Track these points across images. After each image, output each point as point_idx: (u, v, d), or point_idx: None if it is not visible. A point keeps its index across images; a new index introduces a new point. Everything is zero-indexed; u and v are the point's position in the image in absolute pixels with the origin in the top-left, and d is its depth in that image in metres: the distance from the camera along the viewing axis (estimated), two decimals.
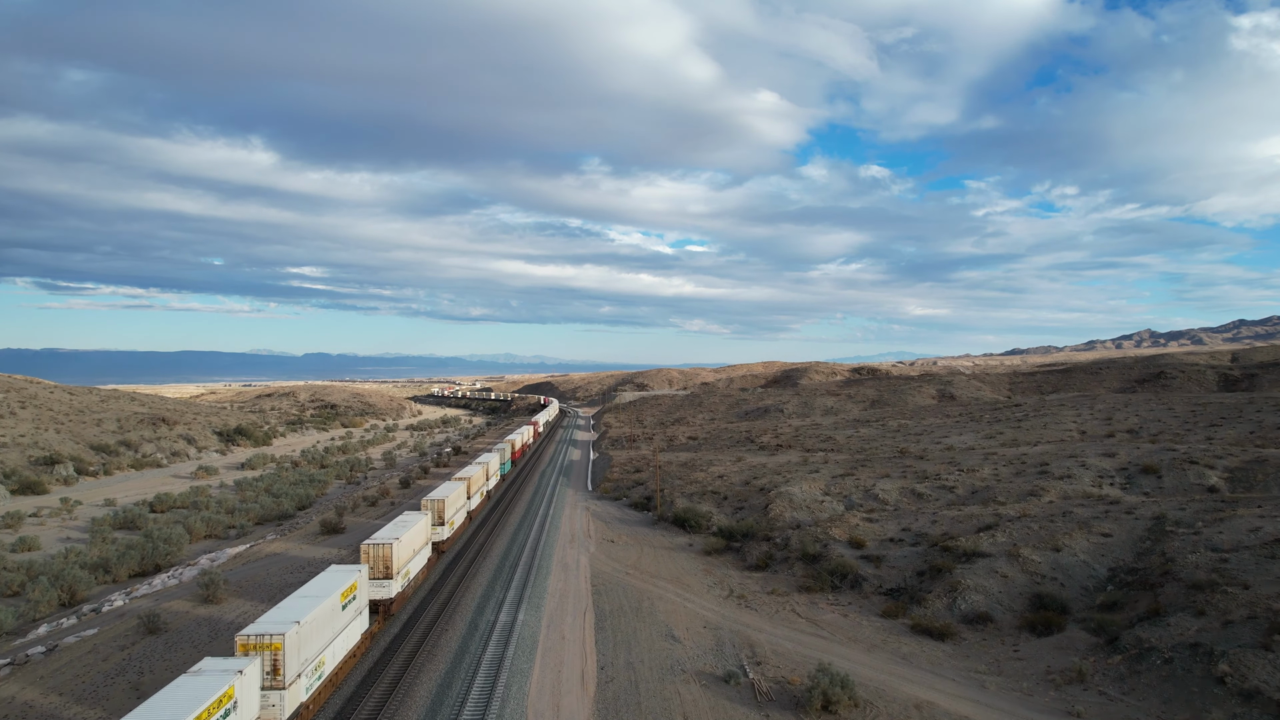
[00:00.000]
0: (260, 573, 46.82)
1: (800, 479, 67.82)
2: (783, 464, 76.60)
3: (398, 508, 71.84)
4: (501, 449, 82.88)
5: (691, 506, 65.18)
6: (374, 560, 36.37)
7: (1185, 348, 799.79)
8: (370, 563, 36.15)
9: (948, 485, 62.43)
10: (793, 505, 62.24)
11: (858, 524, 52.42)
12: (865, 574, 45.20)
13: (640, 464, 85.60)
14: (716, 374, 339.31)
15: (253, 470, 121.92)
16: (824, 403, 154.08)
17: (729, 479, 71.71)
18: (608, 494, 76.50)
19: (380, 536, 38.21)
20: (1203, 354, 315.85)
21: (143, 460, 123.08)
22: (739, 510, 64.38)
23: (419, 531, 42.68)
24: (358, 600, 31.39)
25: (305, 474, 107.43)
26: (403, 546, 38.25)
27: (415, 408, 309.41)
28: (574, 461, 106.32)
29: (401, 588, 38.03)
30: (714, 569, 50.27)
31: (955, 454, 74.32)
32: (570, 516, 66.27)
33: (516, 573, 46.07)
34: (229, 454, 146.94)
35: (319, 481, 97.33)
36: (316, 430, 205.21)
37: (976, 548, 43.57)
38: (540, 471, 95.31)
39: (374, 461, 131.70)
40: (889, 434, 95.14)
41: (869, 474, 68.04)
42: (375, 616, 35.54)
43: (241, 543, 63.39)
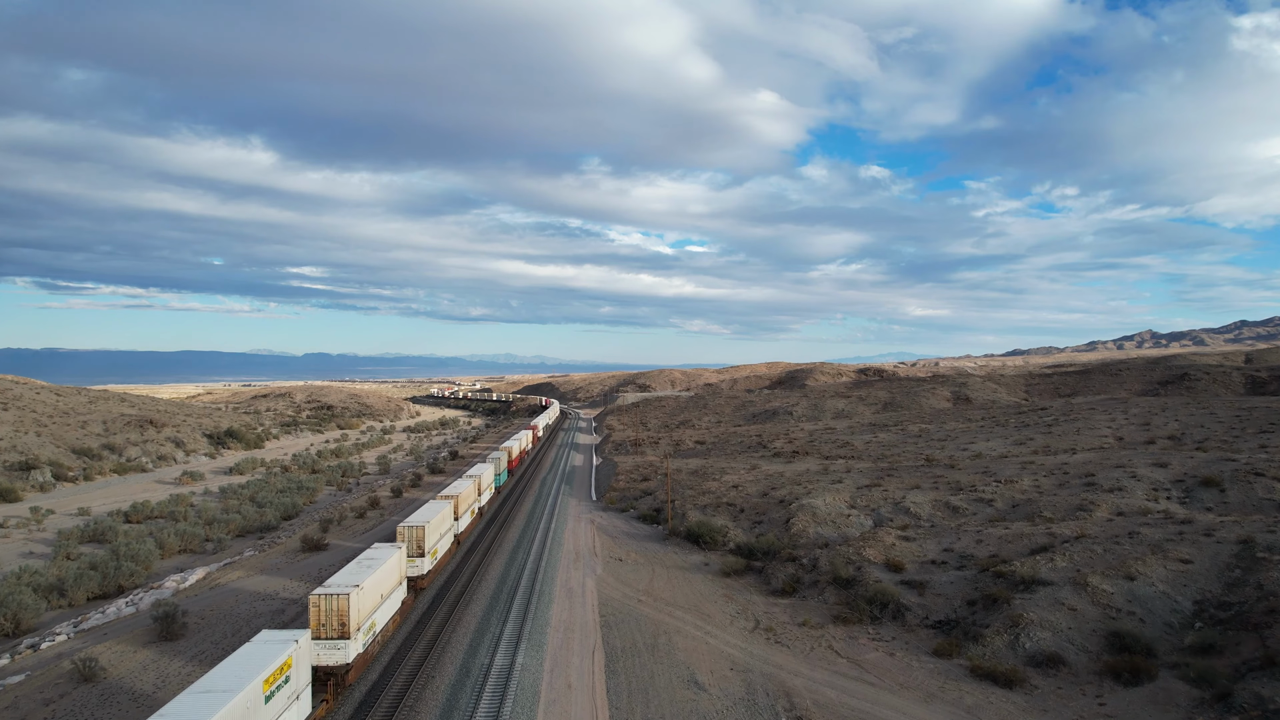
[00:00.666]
0: (226, 601, 41.76)
1: (823, 490, 62.81)
2: (801, 473, 71.57)
3: (387, 519, 66.86)
4: (497, 458, 76.59)
5: (705, 520, 60.14)
6: (325, 615, 28.50)
7: (1189, 348, 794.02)
8: (320, 619, 28.45)
9: (985, 498, 57.42)
10: (816, 519, 57.26)
11: (893, 543, 47.37)
12: (908, 602, 40.17)
13: (647, 471, 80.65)
14: (720, 375, 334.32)
15: (241, 475, 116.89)
16: (834, 405, 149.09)
17: (745, 489, 66.68)
18: (613, 505, 71.48)
19: (337, 583, 30.53)
20: (1213, 355, 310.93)
21: (126, 465, 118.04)
22: (757, 524, 59.35)
23: (389, 571, 34.77)
24: (291, 682, 23.50)
25: (294, 480, 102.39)
26: (365, 595, 30.48)
27: (413, 409, 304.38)
28: (576, 467, 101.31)
29: (363, 647, 30.29)
30: (735, 594, 45.21)
31: (987, 462, 69.29)
32: (574, 531, 61.25)
33: (515, 602, 40.98)
34: (218, 457, 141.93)
35: (307, 489, 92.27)
36: (311, 432, 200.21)
37: (1035, 574, 38.51)
38: (541, 479, 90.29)
39: (367, 466, 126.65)
40: (910, 439, 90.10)
41: (897, 485, 63.03)
42: (324, 694, 27.46)
43: (216, 559, 58.37)
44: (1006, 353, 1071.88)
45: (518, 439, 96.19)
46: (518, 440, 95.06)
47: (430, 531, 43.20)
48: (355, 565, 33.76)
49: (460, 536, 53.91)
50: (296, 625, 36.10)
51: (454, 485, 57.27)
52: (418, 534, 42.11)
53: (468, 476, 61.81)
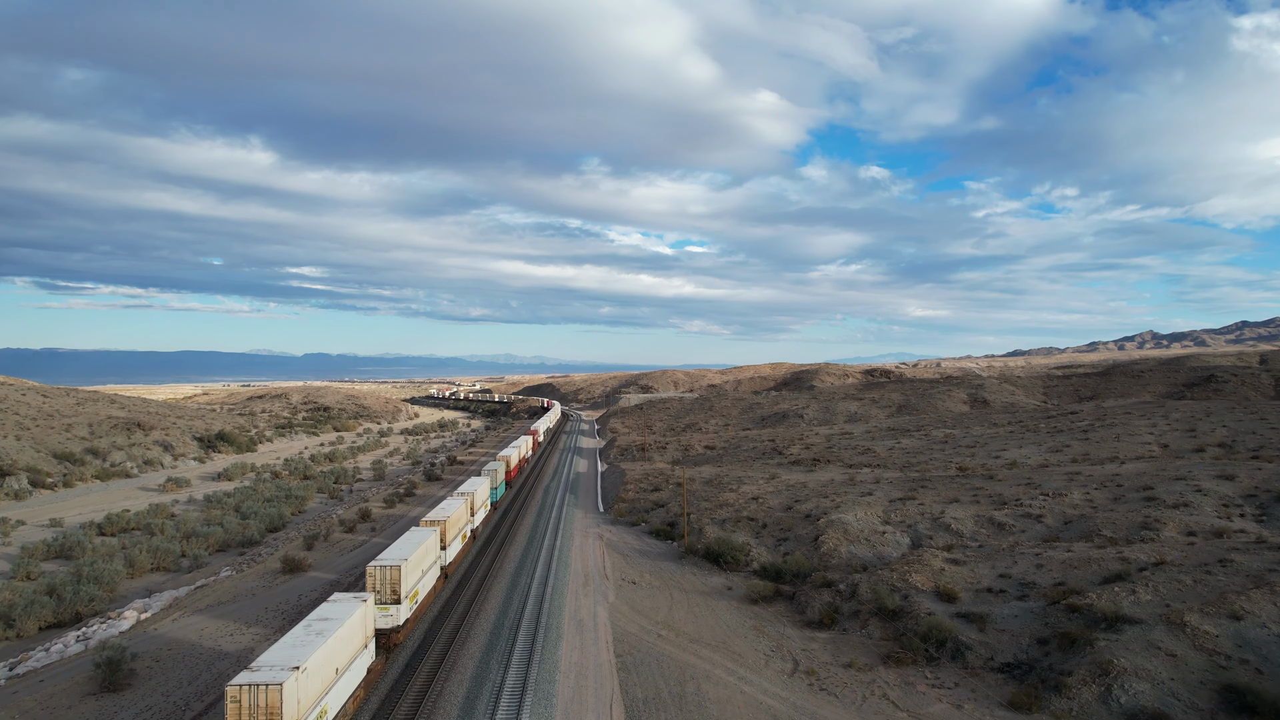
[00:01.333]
0: (188, 637, 36.66)
1: (852, 503, 57.73)
2: (825, 483, 66.48)
3: (377, 534, 61.81)
4: (493, 470, 69.01)
5: (725, 537, 55.07)
6: (250, 714, 20.84)
7: (1190, 349, 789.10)
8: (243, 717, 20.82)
9: (1032, 513, 52.34)
10: (848, 537, 52.21)
11: (941, 567, 42.28)
12: (968, 639, 35.06)
13: (658, 480, 75.59)
14: (723, 376, 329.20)
15: (229, 481, 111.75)
16: (846, 408, 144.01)
17: (766, 502, 61.56)
18: (622, 517, 66.40)
19: (271, 663, 22.51)
20: (1226, 356, 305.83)
21: (110, 470, 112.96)
22: (782, 542, 54.27)
23: (346, 637, 26.84)
24: None
25: (284, 488, 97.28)
26: (307, 681, 22.64)
27: (411, 410, 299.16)
28: (580, 474, 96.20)
29: None
30: (766, 626, 40.12)
31: (1027, 472, 64.19)
32: (581, 548, 56.16)
33: (518, 640, 35.81)
34: (208, 462, 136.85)
35: (296, 498, 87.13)
36: (306, 435, 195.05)
37: (1116, 609, 33.44)
38: (544, 486, 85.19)
39: (362, 471, 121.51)
40: (936, 446, 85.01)
41: (933, 497, 57.95)
42: None
43: (190, 579, 53.29)
44: (1007, 353, 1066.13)
45: (516, 446, 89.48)
46: (516, 448, 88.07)
47: (409, 571, 35.30)
48: (302, 631, 25.57)
49: (449, 568, 46.21)
50: None
51: (442, 506, 49.38)
52: (392, 576, 33.94)
53: (458, 495, 54.57)
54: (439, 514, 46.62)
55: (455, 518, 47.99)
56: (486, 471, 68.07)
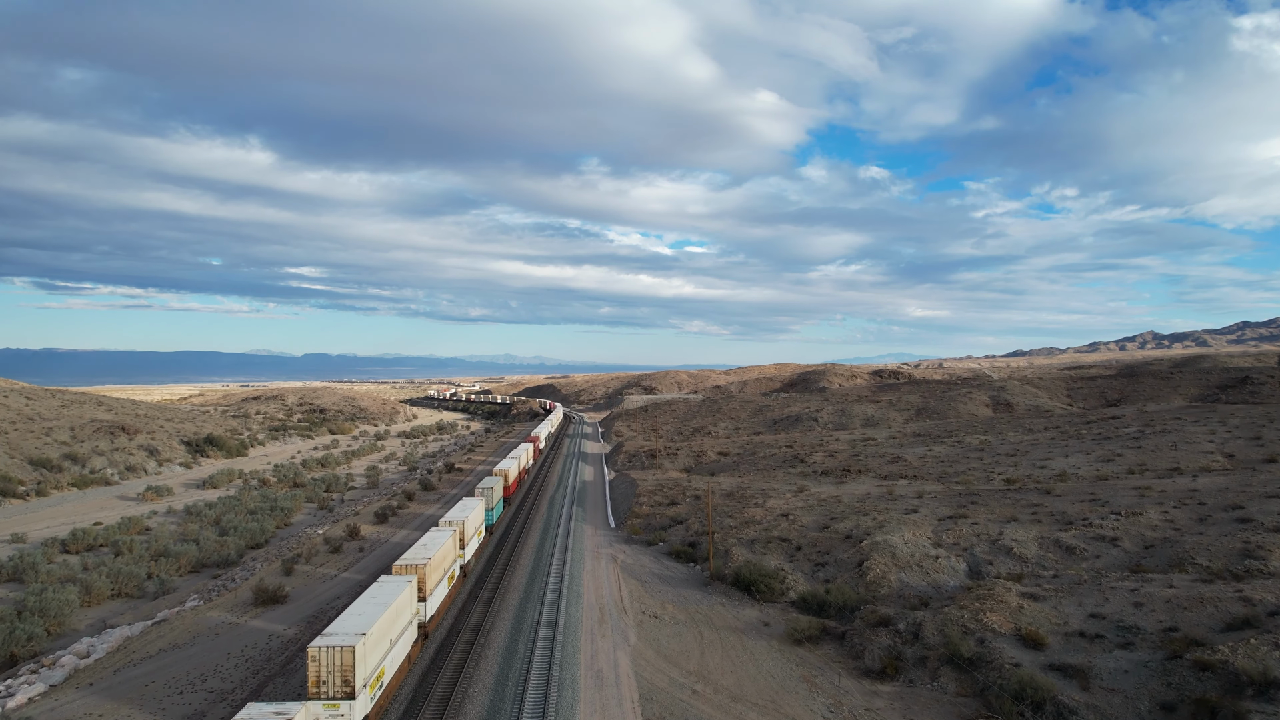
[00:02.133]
0: (129, 694, 30.46)
1: (896, 522, 51.59)
2: (860, 497, 60.33)
3: (366, 554, 55.65)
4: (488, 489, 59.88)
5: (755, 561, 48.96)
6: None
7: (1192, 349, 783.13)
8: None
9: (1105, 534, 46.20)
10: (897, 562, 46.08)
11: (1019, 604, 36.13)
12: (1070, 700, 28.94)
13: (674, 493, 69.44)
14: (727, 377, 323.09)
15: (214, 490, 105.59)
16: (862, 411, 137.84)
17: (797, 519, 55.38)
18: (637, 535, 60.24)
19: None
20: (1245, 355, 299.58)
21: (88, 477, 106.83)
22: (820, 567, 48.12)
23: None
24: None
25: (270, 497, 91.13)
26: None
27: (410, 412, 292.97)
28: (587, 483, 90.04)
29: None
30: (817, 676, 33.95)
31: (1085, 485, 58.03)
32: (594, 572, 50.02)
33: (526, 702, 29.61)
34: (195, 468, 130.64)
35: (282, 510, 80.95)
36: (300, 438, 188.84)
37: (1264, 670, 27.28)
38: (549, 497, 79.04)
39: (355, 478, 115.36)
40: (972, 454, 78.86)
41: (986, 515, 51.80)
42: None
43: (153, 608, 47.17)
44: (1008, 353, 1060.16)
45: (515, 457, 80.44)
46: (515, 459, 78.85)
47: (368, 649, 26.40)
48: None
49: (429, 624, 36.58)
50: None
51: (423, 543, 40.16)
52: (342, 661, 25.08)
53: (445, 524, 46.25)
54: (418, 555, 37.33)
55: (439, 558, 38.72)
56: (481, 490, 60.01)
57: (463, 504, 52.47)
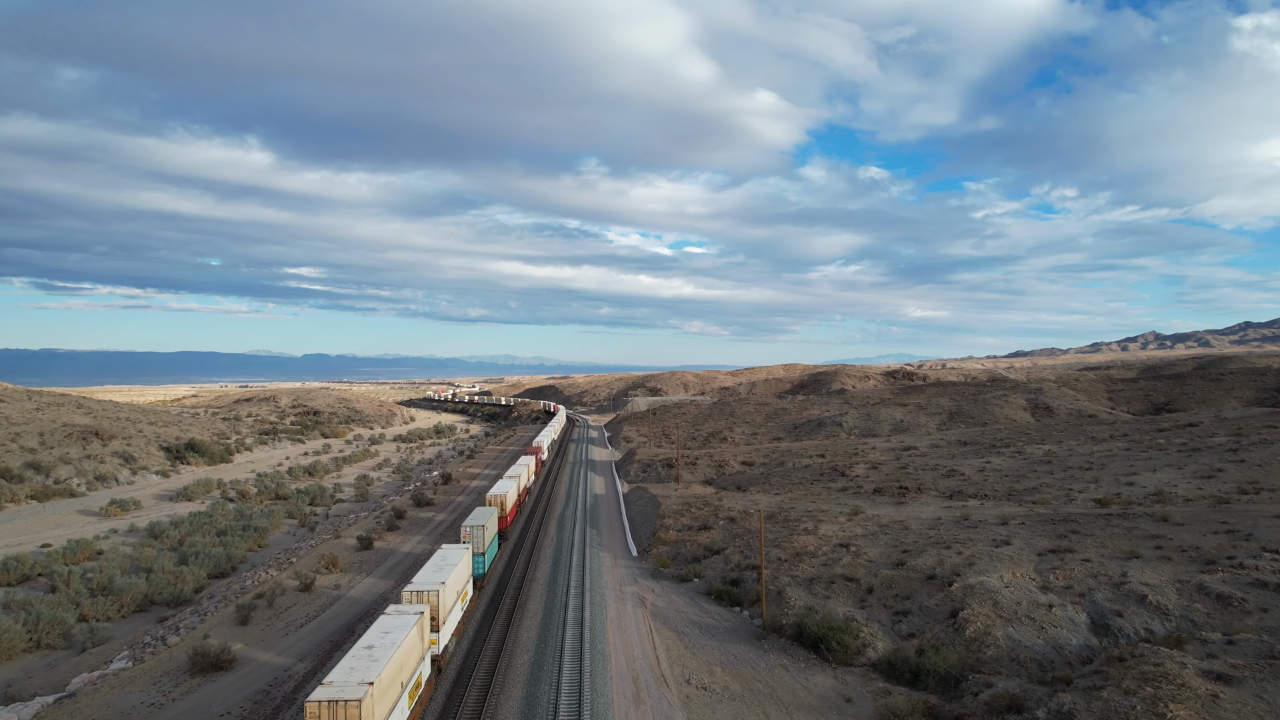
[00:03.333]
0: None
1: (987, 557, 42.32)
2: (930, 522, 50.99)
3: (342, 593, 46.38)
4: (477, 528, 44.34)
5: (821, 609, 39.69)
6: None
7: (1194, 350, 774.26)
8: None
9: (1265, 580, 36.88)
10: (1000, 612, 36.83)
11: (1212, 691, 26.83)
12: None
13: (703, 513, 60.06)
14: (734, 377, 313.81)
15: (188, 502, 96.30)
16: (890, 415, 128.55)
17: (862, 552, 46.06)
18: (665, 568, 50.89)
19: None
20: (1268, 356, 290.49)
21: (51, 489, 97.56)
22: (901, 616, 38.82)
23: None
24: None
25: (246, 513, 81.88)
26: None
27: (407, 413, 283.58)
28: (599, 498, 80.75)
29: None
30: None
31: (1204, 511, 48.68)
32: (620, 620, 40.73)
33: None
34: (173, 476, 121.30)
35: (255, 530, 71.63)
36: (291, 442, 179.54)
37: None
38: (558, 515, 69.77)
39: (344, 489, 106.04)
40: (1039, 467, 69.54)
41: (1096, 549, 42.50)
42: None
43: (69, 669, 37.94)
44: (1009, 354, 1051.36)
45: (514, 476, 67.21)
46: (514, 478, 65.49)
47: None
48: None
49: None
50: None
51: (363, 653, 24.60)
52: None
53: (408, 603, 31.25)
54: (352, 679, 22.36)
55: (389, 677, 23.61)
56: (469, 529, 44.64)
57: (441, 556, 37.39)
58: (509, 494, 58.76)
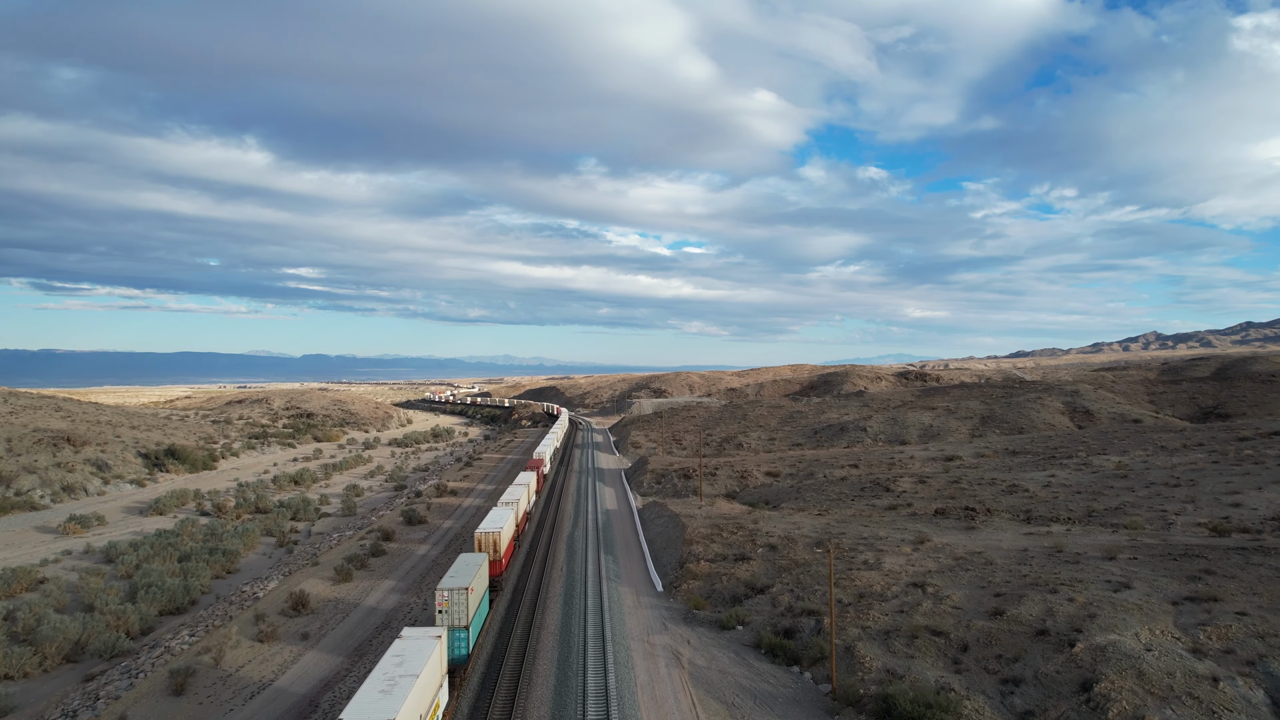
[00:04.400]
0: None
1: (1107, 605, 34.02)
2: (1016, 555, 42.67)
3: (309, 646, 38.08)
4: (455, 598, 32.17)
5: (901, 669, 31.45)
6: None
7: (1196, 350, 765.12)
8: None
9: None
10: (1151, 688, 28.65)
11: None
12: None
13: (737, 538, 51.66)
14: (741, 378, 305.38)
15: (159, 516, 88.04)
16: (917, 419, 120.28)
17: (943, 594, 37.73)
18: (700, 609, 42.54)
19: None
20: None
21: (10, 501, 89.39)
22: (1012, 686, 30.52)
23: None
24: None
25: (219, 531, 73.64)
26: None
27: (404, 415, 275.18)
28: (611, 515, 72.47)
29: None
30: None
31: None
32: (652, 686, 32.44)
33: None
34: (149, 485, 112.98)
35: (224, 554, 63.30)
36: (281, 446, 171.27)
37: None
38: (566, 536, 61.53)
39: (331, 500, 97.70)
40: (1112, 482, 61.22)
41: (1247, 598, 34.24)
42: None
43: None
44: (1010, 354, 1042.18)
45: (511, 503, 54.34)
46: (510, 507, 52.66)
47: None
48: None
49: None
50: None
51: None
52: None
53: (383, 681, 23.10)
54: None
55: None
56: (446, 597, 31.86)
57: (396, 659, 24.84)
58: (503, 529, 46.44)
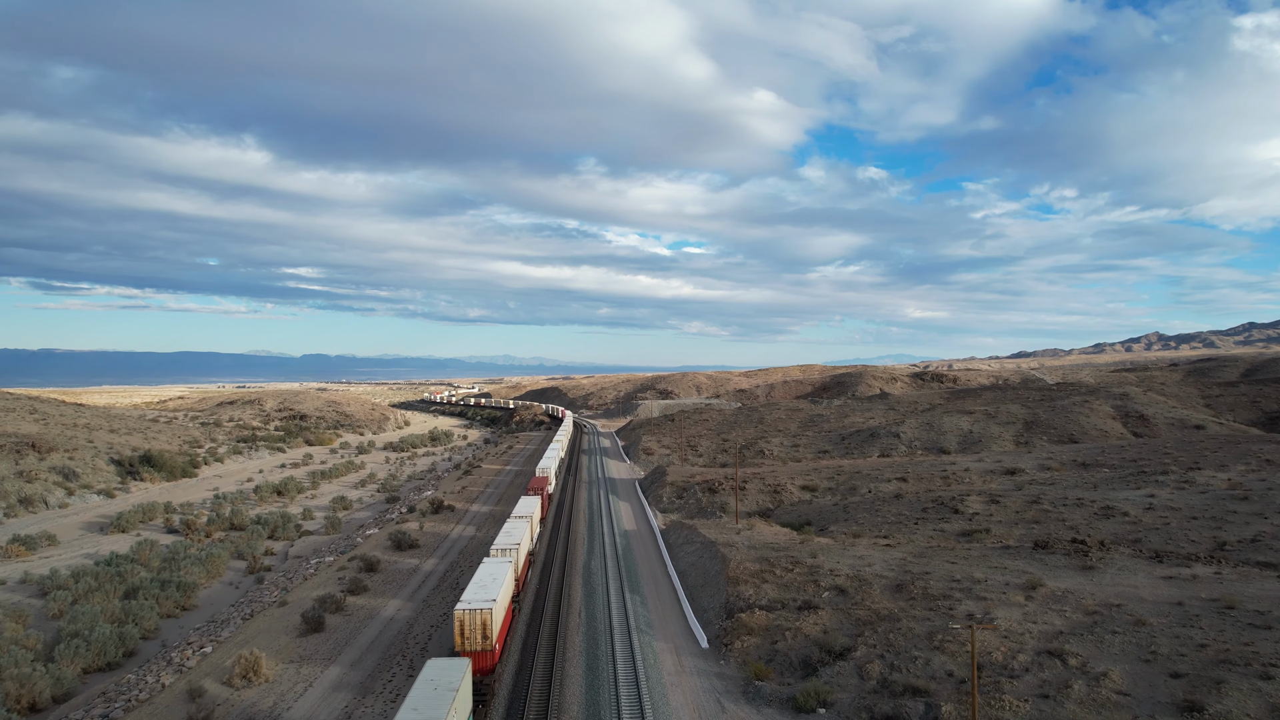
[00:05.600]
0: None
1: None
2: (1177, 615, 33.19)
3: None
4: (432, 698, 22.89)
5: None
6: None
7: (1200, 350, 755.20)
8: None
9: None
10: None
11: None
12: None
13: (792, 575, 42.14)
14: (749, 379, 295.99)
15: (119, 535, 78.71)
16: (954, 425, 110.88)
17: (1096, 672, 28.31)
18: (763, 679, 33.01)
19: None
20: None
21: None
22: None
23: None
24: None
25: (181, 554, 64.26)
26: None
27: (401, 417, 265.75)
28: (631, 537, 63.13)
29: None
30: None
31: None
32: None
33: None
34: (118, 496, 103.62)
35: (181, 587, 53.88)
36: (269, 451, 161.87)
37: None
38: (581, 566, 52.12)
39: (315, 514, 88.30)
40: (1234, 505, 51.75)
41: None
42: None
43: None
44: (1012, 354, 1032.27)
45: (506, 557, 40.76)
46: (506, 562, 38.96)
47: None
48: None
49: None
50: None
51: None
52: None
53: None
54: None
55: None
56: None
57: None
58: (496, 602, 32.21)
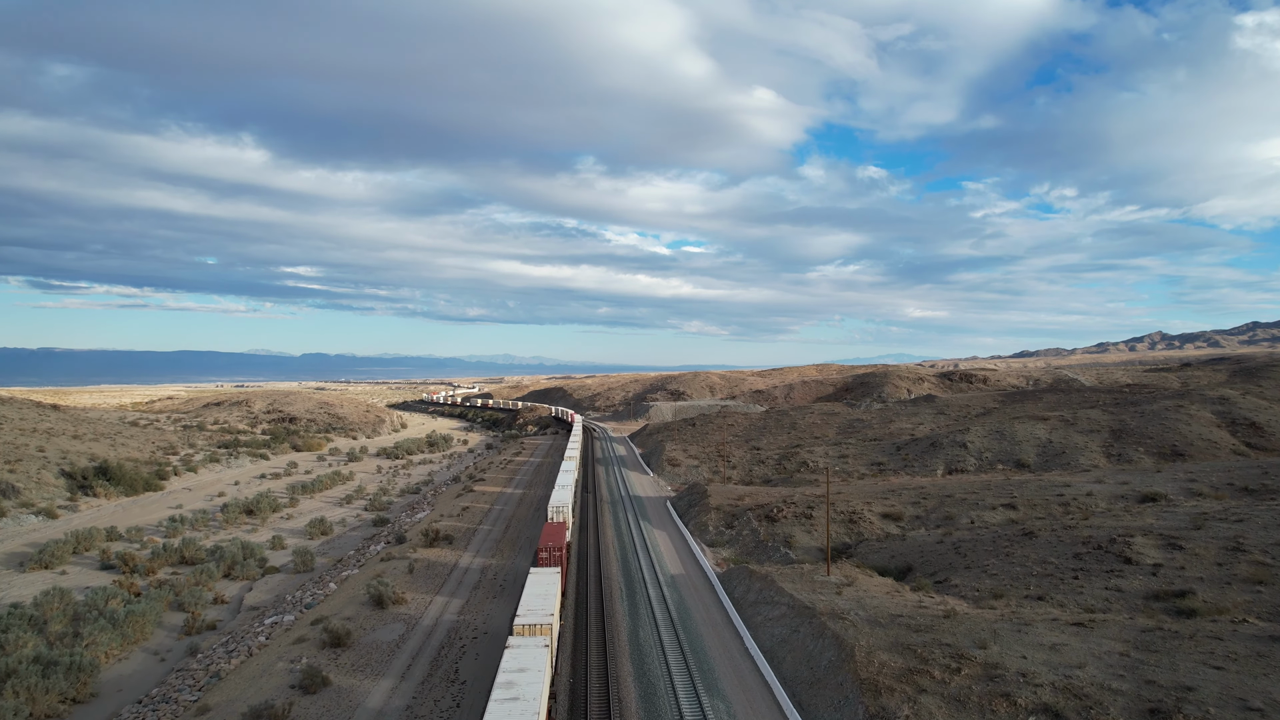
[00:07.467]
0: None
1: None
2: None
3: None
4: None
5: None
6: None
7: (1203, 350, 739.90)
8: None
9: None
10: None
11: None
12: None
13: (961, 679, 27.93)
14: (763, 379, 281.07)
15: (41, 572, 64.27)
16: (1028, 433, 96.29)
17: None
18: None
19: None
20: None
21: None
22: None
23: None
24: None
25: (100, 608, 49.62)
26: None
27: (397, 419, 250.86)
28: (679, 585, 48.59)
29: None
30: None
31: None
32: None
33: None
34: (64, 515, 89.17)
35: (75, 669, 39.27)
36: (251, 458, 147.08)
37: None
38: (626, 638, 37.56)
39: (286, 541, 73.84)
40: None
41: None
42: None
43: None
44: (1013, 354, 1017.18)
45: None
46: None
47: None
48: None
49: None
50: None
51: None
52: None
53: None
54: None
55: None
56: None
57: None
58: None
